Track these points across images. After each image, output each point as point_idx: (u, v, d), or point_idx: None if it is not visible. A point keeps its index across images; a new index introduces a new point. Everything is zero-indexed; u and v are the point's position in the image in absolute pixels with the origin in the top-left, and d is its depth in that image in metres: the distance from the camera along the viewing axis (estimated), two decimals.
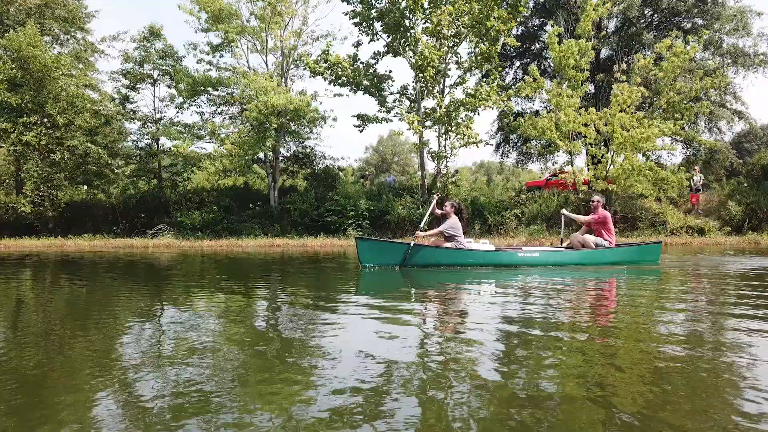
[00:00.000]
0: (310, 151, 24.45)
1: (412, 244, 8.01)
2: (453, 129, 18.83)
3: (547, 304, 4.62)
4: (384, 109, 20.55)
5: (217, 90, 20.87)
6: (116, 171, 21.76)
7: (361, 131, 22.74)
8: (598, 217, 8.67)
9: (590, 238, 8.54)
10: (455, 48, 19.36)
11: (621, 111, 17.75)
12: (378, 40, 20.68)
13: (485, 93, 18.60)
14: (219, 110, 23.66)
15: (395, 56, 20.97)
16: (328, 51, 18.93)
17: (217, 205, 22.09)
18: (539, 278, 6.64)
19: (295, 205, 21.70)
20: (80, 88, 21.10)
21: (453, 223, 8.15)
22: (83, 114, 20.87)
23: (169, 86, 23.00)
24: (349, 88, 20.71)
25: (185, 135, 20.27)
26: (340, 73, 19.30)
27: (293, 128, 21.32)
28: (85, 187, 21.27)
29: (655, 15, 24.78)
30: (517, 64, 28.99)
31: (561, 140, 19.57)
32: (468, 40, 19.72)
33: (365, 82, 19.80)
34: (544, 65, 29.13)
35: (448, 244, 8.14)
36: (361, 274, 7.61)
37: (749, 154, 31.23)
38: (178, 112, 22.95)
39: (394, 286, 6.42)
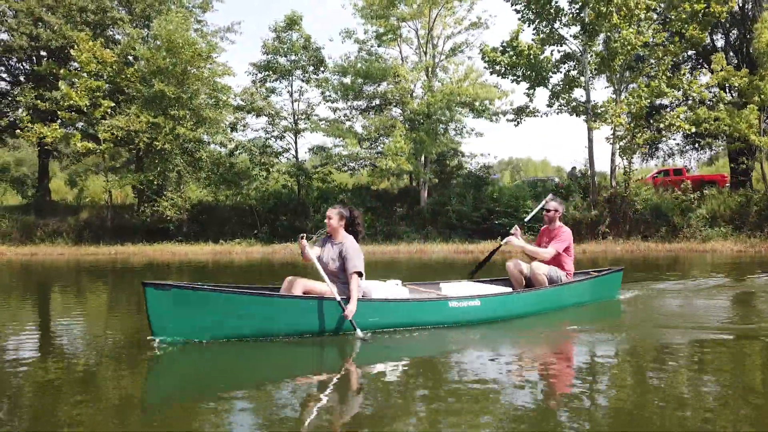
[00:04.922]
0: (447, 150, 22.77)
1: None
2: (652, 122, 17.19)
3: None
4: (555, 100, 19.00)
5: (376, 83, 19.24)
6: (270, 170, 20.01)
7: (517, 125, 21.13)
8: (566, 239, 5.63)
9: (541, 269, 5.47)
10: (647, 33, 17.70)
11: None
12: (544, 27, 19.07)
13: (686, 83, 16.96)
14: (353, 105, 22.11)
15: (550, 45, 19.44)
16: (517, 36, 17.30)
17: (363, 208, 20.44)
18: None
19: (452, 206, 20.03)
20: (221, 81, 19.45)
21: (356, 247, 4.52)
22: (226, 108, 19.25)
23: (303, 79, 21.33)
24: (512, 78, 19.19)
25: (348, 132, 18.57)
26: (519, 62, 17.69)
27: (466, 120, 19.65)
28: (228, 188, 19.55)
29: None
30: None
31: (755, 135, 18.10)
32: (646, 26, 18.10)
33: (542, 73, 18.21)
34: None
35: (332, 290, 4.27)
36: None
37: None
38: (315, 106, 21.22)
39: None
